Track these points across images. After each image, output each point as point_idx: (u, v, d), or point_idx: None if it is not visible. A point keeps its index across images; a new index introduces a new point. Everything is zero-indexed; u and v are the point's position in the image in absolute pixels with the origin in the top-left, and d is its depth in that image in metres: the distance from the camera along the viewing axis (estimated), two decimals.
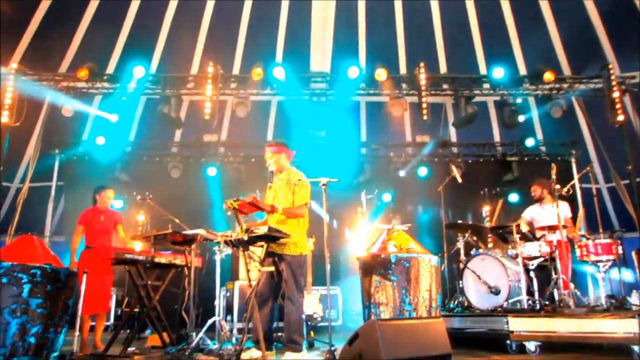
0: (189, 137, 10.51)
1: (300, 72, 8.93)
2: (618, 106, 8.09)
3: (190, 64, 10.28)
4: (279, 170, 4.66)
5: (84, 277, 4.69)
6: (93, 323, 5.44)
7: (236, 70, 10.26)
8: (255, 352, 4.12)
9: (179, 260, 5.22)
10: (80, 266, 5.16)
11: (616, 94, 8.14)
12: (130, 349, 4.89)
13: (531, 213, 6.64)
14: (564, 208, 6.25)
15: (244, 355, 4.05)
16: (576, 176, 8.97)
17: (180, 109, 8.95)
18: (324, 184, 4.27)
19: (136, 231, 8.90)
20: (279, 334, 5.32)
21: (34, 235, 4.61)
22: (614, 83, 8.20)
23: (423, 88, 8.26)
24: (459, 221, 6.56)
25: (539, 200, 6.57)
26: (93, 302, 5.17)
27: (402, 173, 10.04)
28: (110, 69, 9.87)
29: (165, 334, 5.25)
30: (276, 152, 4.64)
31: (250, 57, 9.93)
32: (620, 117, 8.04)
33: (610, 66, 8.38)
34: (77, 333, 4.30)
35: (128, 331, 5.79)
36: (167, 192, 8.82)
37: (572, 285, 5.40)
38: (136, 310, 6.15)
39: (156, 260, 4.98)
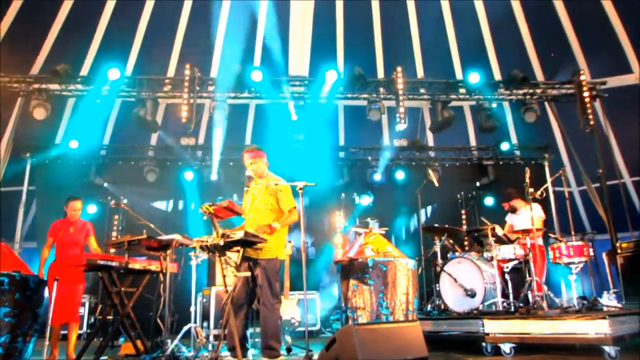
0: (166, 140, 10.37)
1: (278, 76, 8.91)
2: (589, 111, 8.30)
3: (167, 66, 10.16)
4: (259, 175, 4.62)
5: (55, 285, 4.58)
6: (64, 332, 5.30)
7: (214, 72, 10.19)
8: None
9: (154, 266, 5.11)
10: (50, 276, 5.02)
11: (587, 99, 8.35)
12: (103, 358, 4.77)
13: (510, 220, 6.78)
14: (536, 210, 6.37)
15: None
16: (549, 179, 9.15)
17: (157, 112, 8.84)
18: (301, 188, 4.25)
19: (110, 237, 8.75)
20: (256, 339, 5.28)
21: (2, 241, 4.46)
22: (585, 89, 8.42)
23: (400, 93, 8.33)
24: (436, 225, 6.59)
25: (513, 211, 6.72)
26: (62, 311, 5.04)
27: (377, 177, 10.12)
28: (85, 71, 9.69)
29: (139, 342, 5.13)
30: (257, 157, 4.60)
31: (228, 60, 9.87)
32: (591, 122, 8.24)
33: (581, 72, 8.60)
34: (47, 342, 4.18)
35: (101, 339, 5.65)
36: (142, 196, 8.70)
37: (545, 287, 5.49)
38: (109, 317, 6.02)
39: (130, 266, 4.86)
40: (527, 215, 6.34)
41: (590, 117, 8.28)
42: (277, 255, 4.37)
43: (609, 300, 5.54)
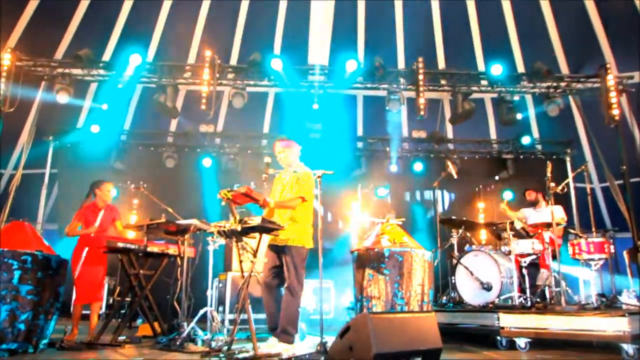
0: (185, 127, 10.44)
1: (298, 64, 8.88)
2: (615, 106, 8.09)
3: (187, 53, 10.21)
4: (288, 165, 4.66)
5: (79, 266, 4.70)
6: (87, 312, 5.42)
7: (234, 60, 10.20)
8: (271, 341, 4.16)
9: (171, 250, 5.20)
10: (75, 258, 5.13)
11: (613, 94, 8.14)
12: (121, 338, 4.88)
13: (526, 213, 6.69)
14: (559, 211, 6.29)
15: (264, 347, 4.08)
16: (570, 175, 9.00)
17: (177, 98, 8.88)
18: (319, 176, 4.27)
19: (129, 220, 8.89)
20: None
21: (25, 221, 4.57)
22: (611, 83, 8.20)
23: (421, 83, 8.23)
24: (453, 217, 6.55)
25: (534, 203, 6.63)
26: (86, 292, 5.16)
27: (393, 168, 10.06)
28: (107, 56, 9.78)
29: (156, 324, 5.24)
30: (287, 146, 4.68)
31: (248, 48, 9.87)
32: (617, 117, 8.04)
33: (608, 66, 8.37)
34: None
35: (119, 320, 5.77)
36: (161, 181, 8.80)
37: (563, 283, 5.42)
38: (128, 299, 6.13)
39: (149, 249, 4.95)
40: (548, 214, 6.27)
41: (616, 112, 8.08)
42: (304, 244, 4.42)
43: (628, 298, 5.46)
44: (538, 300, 5.32)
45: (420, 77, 8.26)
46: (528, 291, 5.47)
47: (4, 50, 7.88)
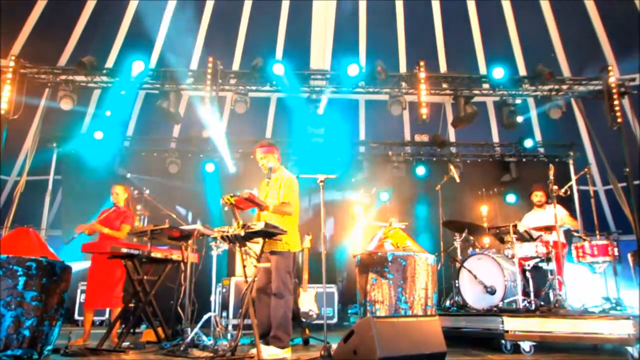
0: (188, 132, 10.47)
1: (299, 69, 8.91)
2: (617, 108, 8.09)
3: (190, 59, 10.26)
4: (272, 170, 4.70)
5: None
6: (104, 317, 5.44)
7: (236, 66, 10.25)
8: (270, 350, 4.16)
9: (175, 256, 5.21)
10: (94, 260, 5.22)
11: (615, 96, 8.14)
12: (125, 344, 4.88)
13: (530, 220, 6.66)
14: (561, 210, 6.28)
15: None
16: (574, 178, 8.98)
17: (179, 104, 8.92)
18: (321, 181, 4.28)
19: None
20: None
21: (30, 228, 4.59)
22: (613, 85, 8.20)
23: (422, 87, 8.25)
24: (456, 220, 6.54)
25: (540, 205, 6.60)
26: (95, 297, 5.19)
27: (397, 172, 10.05)
28: (110, 63, 9.84)
29: (160, 329, 5.25)
30: (268, 152, 4.72)
31: (250, 54, 9.91)
32: (619, 120, 8.04)
33: (609, 68, 8.38)
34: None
35: (123, 326, 5.77)
36: (164, 187, 8.82)
37: (567, 286, 5.41)
38: (131, 305, 6.13)
39: (152, 255, 4.96)
40: (551, 216, 6.26)
41: (618, 114, 8.07)
42: (290, 249, 4.42)
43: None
44: (542, 303, 5.31)
45: (422, 80, 8.27)
46: (532, 294, 5.45)
47: (8, 57, 7.94)
